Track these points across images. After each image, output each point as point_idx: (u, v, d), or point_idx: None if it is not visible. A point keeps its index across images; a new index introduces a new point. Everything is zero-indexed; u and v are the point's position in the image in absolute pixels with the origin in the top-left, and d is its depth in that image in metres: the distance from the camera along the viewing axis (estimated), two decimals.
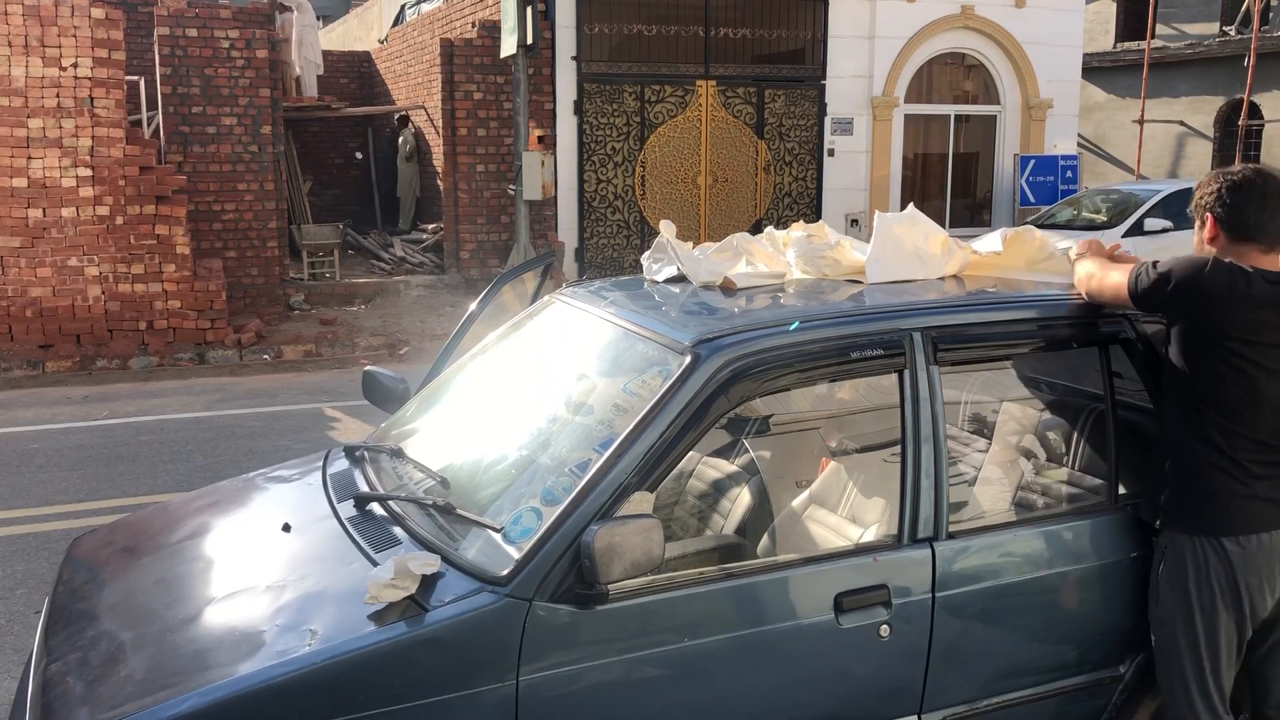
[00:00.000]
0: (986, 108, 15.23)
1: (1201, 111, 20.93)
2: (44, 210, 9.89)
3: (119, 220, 10.09)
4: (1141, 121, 19.69)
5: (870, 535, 2.93)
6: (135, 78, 12.78)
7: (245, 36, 11.68)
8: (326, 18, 27.42)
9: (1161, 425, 2.88)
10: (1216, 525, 2.73)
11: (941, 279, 3.29)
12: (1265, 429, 2.71)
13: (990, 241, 3.43)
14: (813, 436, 3.90)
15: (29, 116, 9.75)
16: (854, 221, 13.96)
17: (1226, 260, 2.76)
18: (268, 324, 11.29)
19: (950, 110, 15.09)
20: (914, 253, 3.25)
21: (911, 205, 3.46)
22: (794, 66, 14.22)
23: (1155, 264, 2.82)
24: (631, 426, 2.52)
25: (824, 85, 14.14)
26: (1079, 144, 17.26)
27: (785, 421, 3.94)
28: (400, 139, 15.68)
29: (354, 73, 18.61)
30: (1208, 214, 2.83)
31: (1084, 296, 3.02)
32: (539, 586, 2.34)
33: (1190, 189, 12.09)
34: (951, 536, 2.76)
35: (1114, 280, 2.90)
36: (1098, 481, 3.11)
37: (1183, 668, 2.78)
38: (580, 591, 2.34)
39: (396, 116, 15.96)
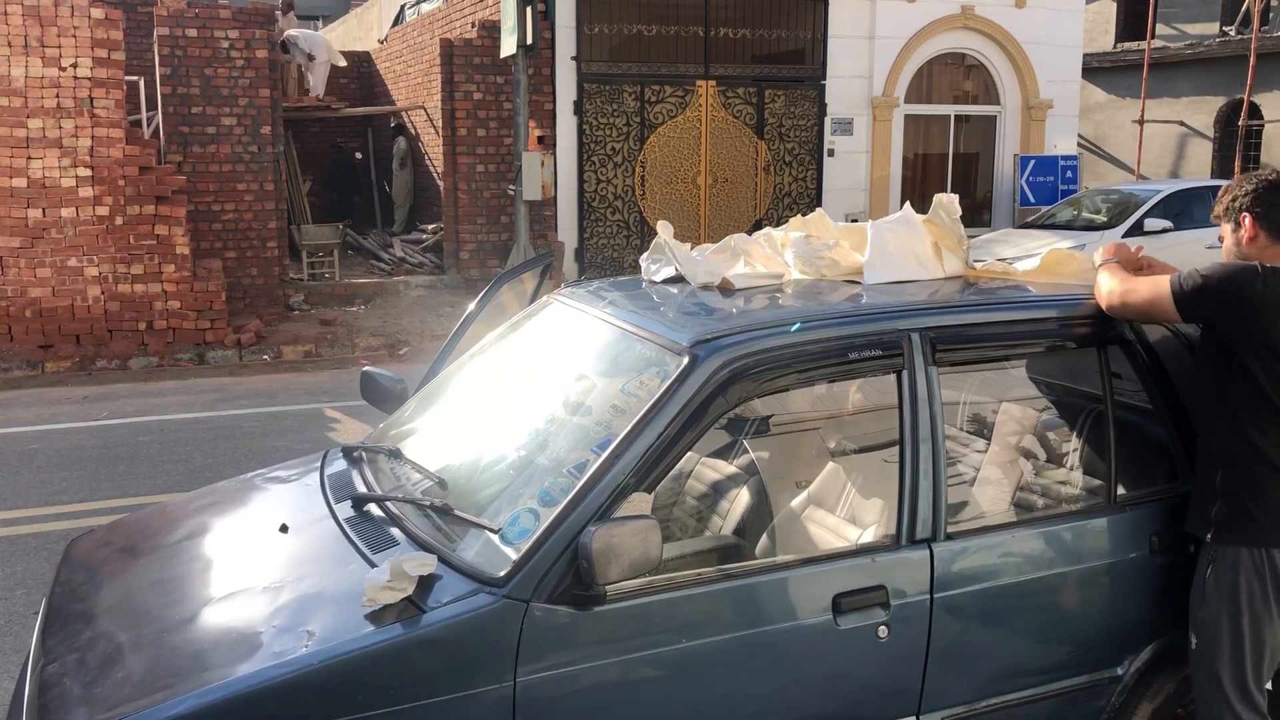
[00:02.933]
0: (986, 108, 15.23)
1: (1202, 111, 20.92)
2: (44, 210, 9.89)
3: (119, 220, 10.09)
4: (1141, 121, 19.68)
5: (869, 536, 2.93)
6: (135, 78, 12.77)
7: (245, 36, 11.67)
8: (326, 18, 27.44)
9: (1208, 436, 2.86)
10: (1273, 536, 2.73)
11: (942, 279, 3.29)
12: None
13: (1029, 263, 3.43)
14: (812, 437, 3.90)
15: (29, 116, 9.75)
16: (854, 221, 13.96)
17: (1266, 264, 2.74)
18: (267, 324, 11.29)
19: (950, 110, 15.09)
20: (911, 254, 3.25)
21: (907, 205, 3.44)
22: (794, 66, 14.22)
23: (1196, 271, 2.81)
24: (629, 427, 2.52)
25: (824, 85, 14.13)
26: (1079, 144, 17.25)
27: (784, 422, 3.93)
28: (394, 146, 15.75)
29: (354, 73, 18.60)
30: (1245, 214, 2.81)
31: (1105, 308, 2.97)
32: (536, 587, 2.34)
33: (1191, 189, 12.18)
34: (950, 537, 2.76)
35: (1147, 293, 2.85)
36: (1097, 482, 3.11)
37: (1221, 670, 2.79)
38: (578, 593, 2.34)
39: (392, 123, 15.98)
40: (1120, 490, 3.00)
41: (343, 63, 15.29)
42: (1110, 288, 2.96)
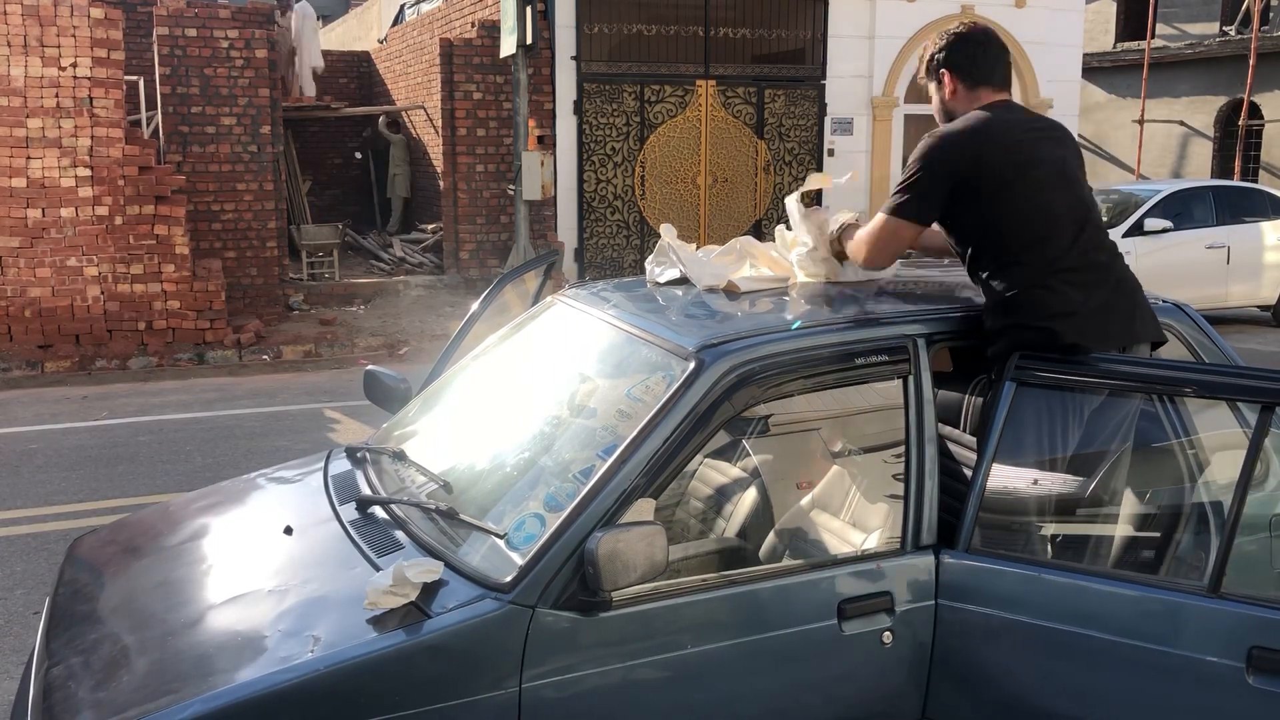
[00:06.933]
0: None
1: (1202, 111, 20.93)
2: (43, 210, 9.88)
3: (118, 220, 10.07)
4: (1141, 121, 19.70)
5: (873, 541, 2.92)
6: (135, 78, 12.75)
7: (245, 36, 11.66)
8: (326, 18, 27.38)
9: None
10: None
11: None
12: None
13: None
14: (814, 438, 3.89)
15: (28, 116, 9.73)
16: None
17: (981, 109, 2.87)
18: (267, 324, 11.28)
19: None
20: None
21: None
22: (794, 66, 14.22)
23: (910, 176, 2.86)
24: (635, 432, 2.51)
25: (824, 85, 14.13)
26: (1079, 144, 17.25)
27: (787, 423, 3.92)
28: (391, 145, 15.77)
29: (353, 73, 18.58)
30: (944, 70, 2.98)
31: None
32: (542, 593, 2.33)
33: (1191, 189, 12.05)
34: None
35: (865, 235, 2.93)
36: None
37: None
38: (583, 598, 2.34)
39: (386, 123, 15.96)
40: None
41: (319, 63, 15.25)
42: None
